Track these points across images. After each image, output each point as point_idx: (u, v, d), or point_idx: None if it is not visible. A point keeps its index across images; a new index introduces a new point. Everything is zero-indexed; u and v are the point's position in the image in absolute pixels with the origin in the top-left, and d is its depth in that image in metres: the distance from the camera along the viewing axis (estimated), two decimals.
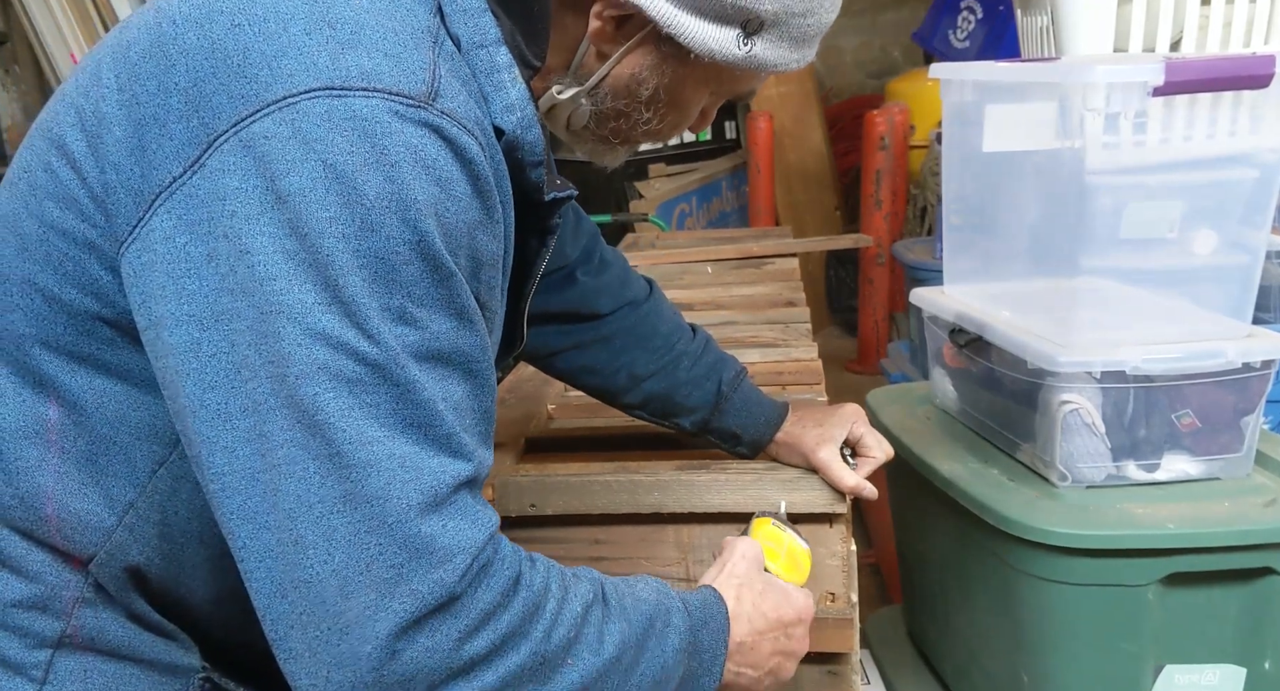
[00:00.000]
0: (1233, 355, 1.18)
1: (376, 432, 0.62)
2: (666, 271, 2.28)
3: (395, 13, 0.67)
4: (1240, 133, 1.17)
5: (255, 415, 0.62)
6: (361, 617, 0.62)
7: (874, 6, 4.90)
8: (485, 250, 0.70)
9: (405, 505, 0.62)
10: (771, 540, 0.96)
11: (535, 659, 0.67)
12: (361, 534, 0.62)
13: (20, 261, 0.69)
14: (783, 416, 1.14)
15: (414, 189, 0.62)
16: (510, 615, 0.67)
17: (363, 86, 0.62)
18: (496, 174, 0.70)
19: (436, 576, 0.63)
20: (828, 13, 0.79)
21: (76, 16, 2.91)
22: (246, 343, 0.61)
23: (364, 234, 0.61)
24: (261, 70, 0.62)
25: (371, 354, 0.62)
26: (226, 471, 0.62)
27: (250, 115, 0.62)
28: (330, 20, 0.64)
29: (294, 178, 0.61)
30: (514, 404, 1.39)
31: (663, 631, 0.76)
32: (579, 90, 0.79)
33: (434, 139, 0.64)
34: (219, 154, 0.62)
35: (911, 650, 1.59)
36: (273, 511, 0.62)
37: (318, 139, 0.61)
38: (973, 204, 1.48)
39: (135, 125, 0.64)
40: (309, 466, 0.61)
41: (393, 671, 0.62)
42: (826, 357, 1.64)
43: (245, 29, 0.64)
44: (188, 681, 0.76)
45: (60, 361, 0.69)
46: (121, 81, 0.66)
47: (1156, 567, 1.13)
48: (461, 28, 0.72)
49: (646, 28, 0.75)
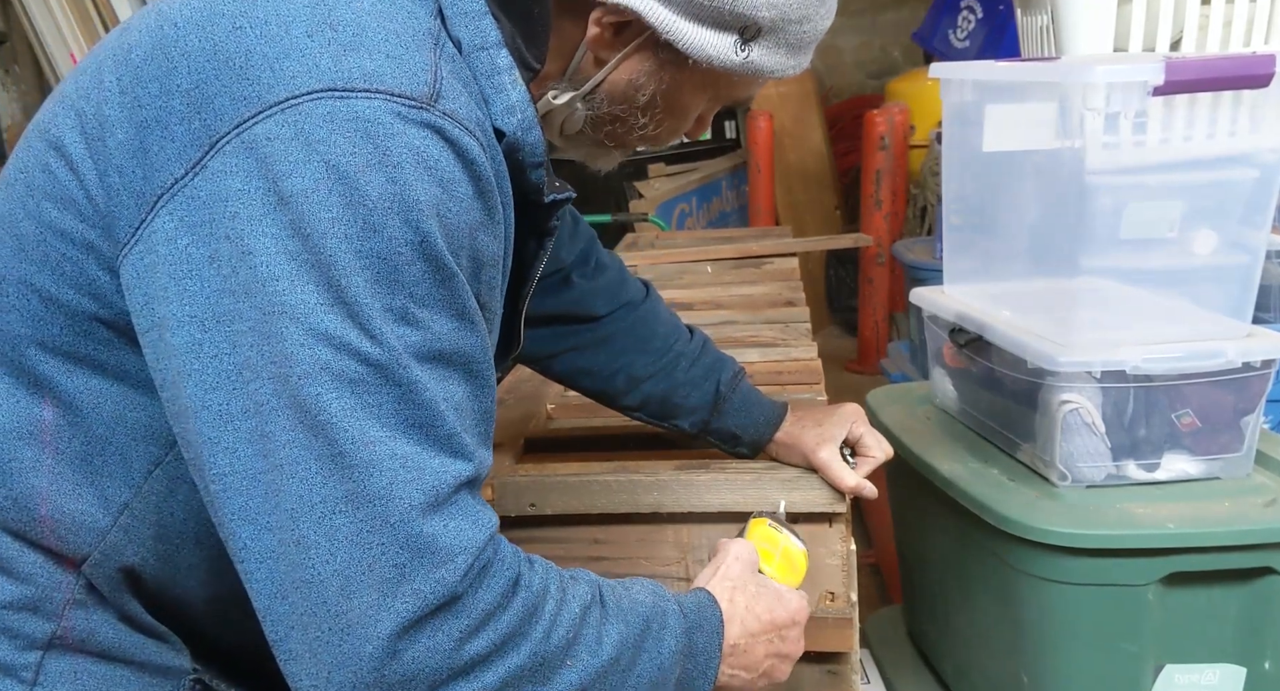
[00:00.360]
0: (1233, 355, 1.18)
1: (379, 433, 0.62)
2: (666, 271, 2.28)
3: (396, 15, 0.67)
4: (1240, 133, 1.17)
5: (257, 416, 0.62)
6: (363, 617, 0.62)
7: (874, 6, 4.90)
8: (486, 251, 0.70)
9: (408, 505, 0.62)
10: (767, 541, 0.95)
11: (535, 659, 0.68)
12: (364, 533, 0.62)
13: (17, 262, 0.69)
14: (782, 416, 1.14)
15: (416, 190, 0.63)
16: (510, 615, 0.67)
17: (365, 88, 0.62)
18: (497, 175, 0.70)
19: (439, 576, 0.63)
20: (823, 19, 0.79)
21: (76, 16, 2.91)
22: (249, 344, 0.61)
23: (366, 235, 0.61)
24: (264, 72, 0.62)
25: (374, 354, 0.62)
26: (228, 472, 0.62)
27: (252, 117, 0.62)
28: (332, 22, 0.64)
29: (296, 179, 0.61)
30: (513, 404, 1.39)
31: (659, 633, 0.76)
32: (575, 95, 0.80)
33: (436, 140, 0.64)
34: (221, 155, 0.62)
35: (911, 650, 1.59)
36: (275, 512, 0.62)
37: (320, 140, 0.61)
38: (973, 204, 1.48)
39: (137, 127, 0.64)
40: (311, 466, 0.61)
41: (394, 671, 0.62)
42: (826, 357, 1.64)
43: (247, 31, 0.64)
44: (179, 683, 0.76)
45: (57, 362, 0.69)
46: (123, 84, 0.66)
47: (1156, 567, 1.13)
48: (462, 30, 0.72)
49: (644, 34, 0.76)
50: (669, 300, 1.20)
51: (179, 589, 0.76)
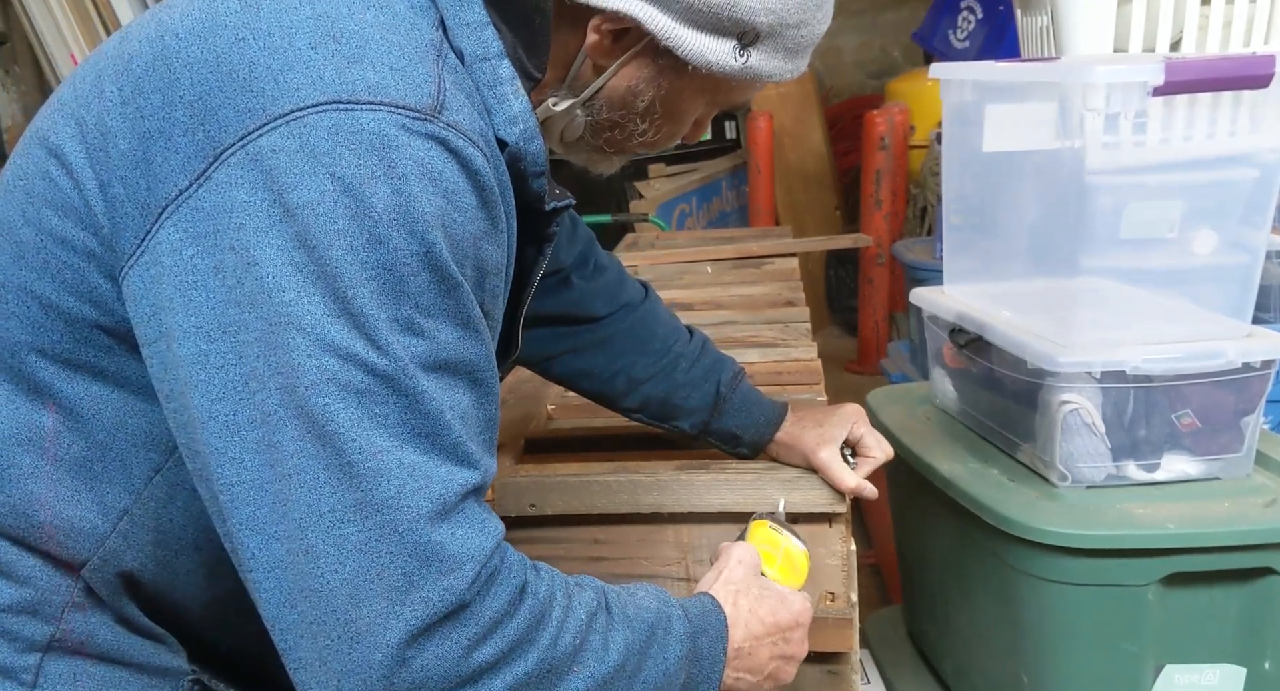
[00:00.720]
0: (1233, 355, 1.18)
1: (386, 442, 0.63)
2: (666, 271, 2.28)
3: (399, 27, 0.67)
4: (1240, 133, 1.17)
5: (265, 426, 0.62)
6: (372, 625, 0.62)
7: (874, 6, 4.90)
8: (490, 259, 0.70)
9: (416, 513, 0.63)
10: (768, 543, 0.95)
11: (542, 666, 0.68)
12: (373, 542, 0.62)
13: (16, 269, 0.69)
14: (782, 416, 1.14)
15: (421, 201, 0.63)
16: (518, 622, 0.67)
17: (370, 100, 0.63)
18: (500, 185, 0.71)
19: (447, 584, 0.63)
20: (820, 23, 0.80)
21: (76, 16, 2.91)
22: (255, 354, 0.62)
23: (372, 246, 0.62)
24: (268, 84, 0.63)
25: (380, 364, 0.62)
26: (236, 482, 0.63)
27: (257, 129, 0.62)
28: (335, 34, 0.65)
29: (302, 191, 0.61)
30: (514, 404, 1.39)
31: (664, 638, 0.76)
32: (574, 102, 0.80)
33: (440, 151, 0.64)
34: (226, 167, 0.62)
35: (911, 650, 1.59)
36: (283, 521, 0.62)
37: (326, 152, 0.61)
38: (973, 204, 1.48)
39: (140, 138, 0.65)
40: (319, 476, 0.62)
41: (403, 679, 0.63)
42: (826, 357, 1.64)
43: (250, 43, 0.64)
44: (177, 683, 0.77)
45: (57, 369, 0.69)
46: (125, 95, 0.66)
47: (1156, 567, 1.13)
48: (464, 41, 0.72)
49: (643, 41, 0.76)
50: (669, 300, 1.21)
51: (177, 593, 0.76)
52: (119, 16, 2.84)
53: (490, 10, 0.73)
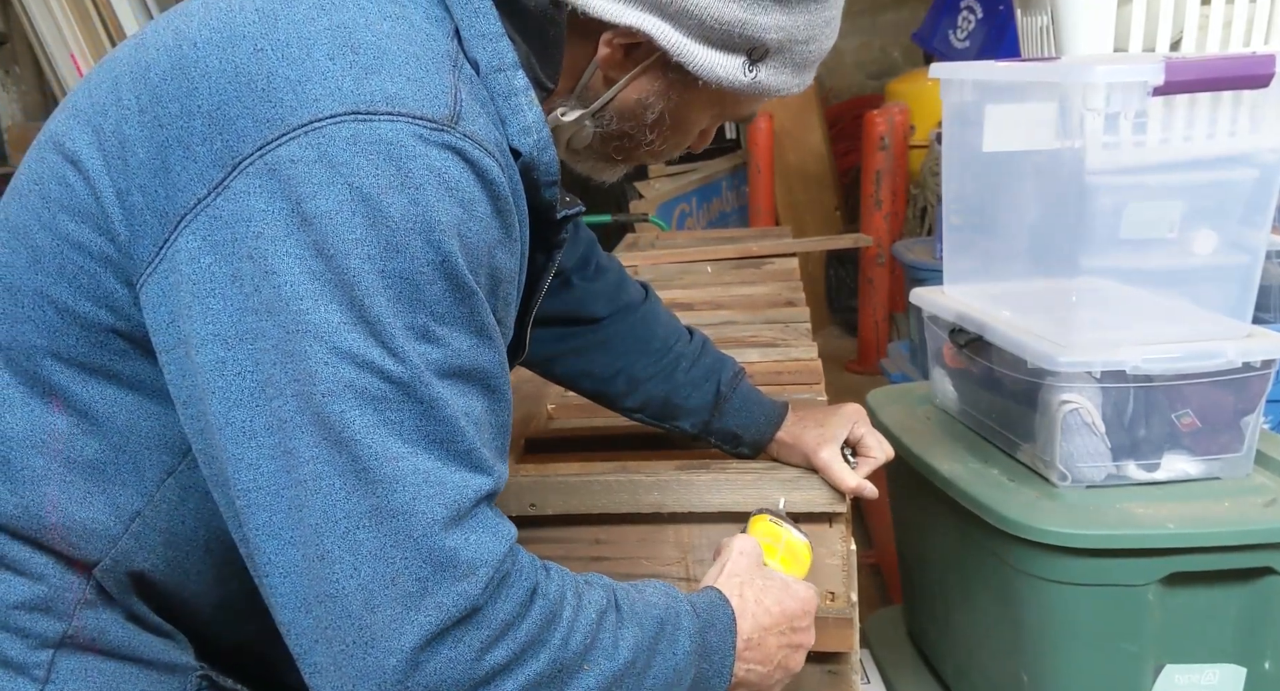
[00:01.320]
0: (1233, 355, 1.18)
1: (401, 449, 0.63)
2: (666, 271, 2.28)
3: (415, 38, 0.68)
4: (1240, 133, 1.17)
5: (281, 432, 0.62)
6: (386, 630, 0.63)
7: (874, 6, 4.90)
8: (504, 267, 0.71)
9: (430, 519, 0.63)
10: (769, 535, 0.96)
11: (554, 666, 0.68)
12: (388, 548, 0.63)
13: (32, 273, 0.70)
14: (782, 415, 1.14)
15: (438, 211, 0.63)
16: (529, 624, 0.68)
17: (387, 111, 0.63)
18: (514, 194, 0.71)
19: (460, 589, 0.64)
20: (828, 39, 0.81)
21: (76, 17, 2.91)
22: (272, 361, 0.62)
23: (389, 255, 0.62)
24: (286, 95, 0.63)
25: (396, 372, 0.63)
26: (252, 488, 0.63)
27: (276, 139, 0.62)
28: (353, 45, 0.65)
29: (320, 200, 0.62)
30: (514, 404, 1.38)
31: (673, 634, 0.76)
32: (584, 112, 0.81)
33: (457, 161, 0.65)
34: (244, 177, 0.62)
35: (911, 650, 1.59)
36: (298, 527, 0.63)
37: (343, 162, 0.62)
38: (973, 204, 1.48)
39: (158, 147, 0.65)
40: (335, 482, 0.62)
41: (416, 683, 0.63)
42: (826, 357, 1.64)
43: (269, 53, 0.64)
44: (186, 679, 0.77)
45: (71, 372, 0.70)
46: (143, 103, 0.67)
47: (1156, 567, 1.13)
48: (480, 52, 0.73)
49: (655, 55, 0.77)
50: (669, 300, 1.21)
51: (187, 592, 0.76)
52: (119, 16, 2.84)
53: (505, 21, 0.73)
